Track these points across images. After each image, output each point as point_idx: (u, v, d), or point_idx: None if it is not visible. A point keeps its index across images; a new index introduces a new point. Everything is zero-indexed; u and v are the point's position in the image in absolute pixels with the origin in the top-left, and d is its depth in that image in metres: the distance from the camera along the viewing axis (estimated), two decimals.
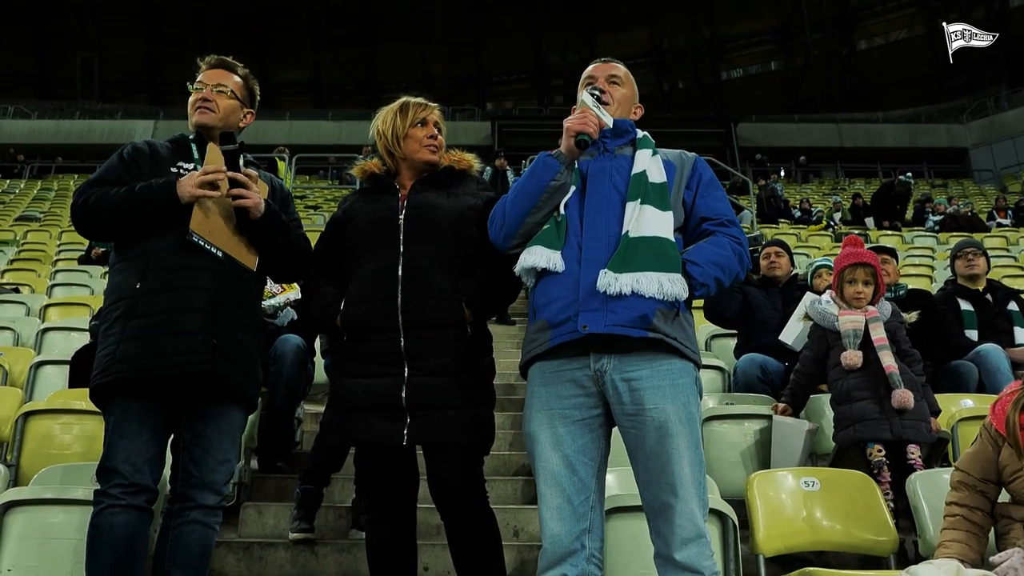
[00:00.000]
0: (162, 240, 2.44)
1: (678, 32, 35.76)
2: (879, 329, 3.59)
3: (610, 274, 2.13)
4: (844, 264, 3.74)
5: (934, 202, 14.99)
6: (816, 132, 28.23)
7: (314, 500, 3.43)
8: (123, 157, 2.63)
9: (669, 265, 2.15)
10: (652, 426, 2.10)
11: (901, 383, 3.43)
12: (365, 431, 2.42)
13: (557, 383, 2.21)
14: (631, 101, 2.50)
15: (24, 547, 2.75)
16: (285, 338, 4.07)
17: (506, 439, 4.65)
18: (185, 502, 2.45)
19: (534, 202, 2.29)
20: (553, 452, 2.18)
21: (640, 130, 2.46)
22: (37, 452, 3.59)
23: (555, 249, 2.23)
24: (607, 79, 2.47)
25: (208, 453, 2.47)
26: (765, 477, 3.10)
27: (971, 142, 27.10)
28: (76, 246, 9.81)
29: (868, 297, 3.69)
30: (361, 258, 2.54)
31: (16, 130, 27.14)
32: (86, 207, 2.49)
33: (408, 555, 2.55)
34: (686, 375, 2.18)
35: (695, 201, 2.36)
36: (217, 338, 2.43)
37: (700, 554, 2.06)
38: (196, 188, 2.41)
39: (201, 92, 2.67)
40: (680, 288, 2.14)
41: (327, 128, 27.68)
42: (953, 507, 2.60)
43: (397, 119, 2.64)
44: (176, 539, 2.42)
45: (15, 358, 4.98)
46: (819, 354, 3.74)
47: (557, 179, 2.28)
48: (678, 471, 2.08)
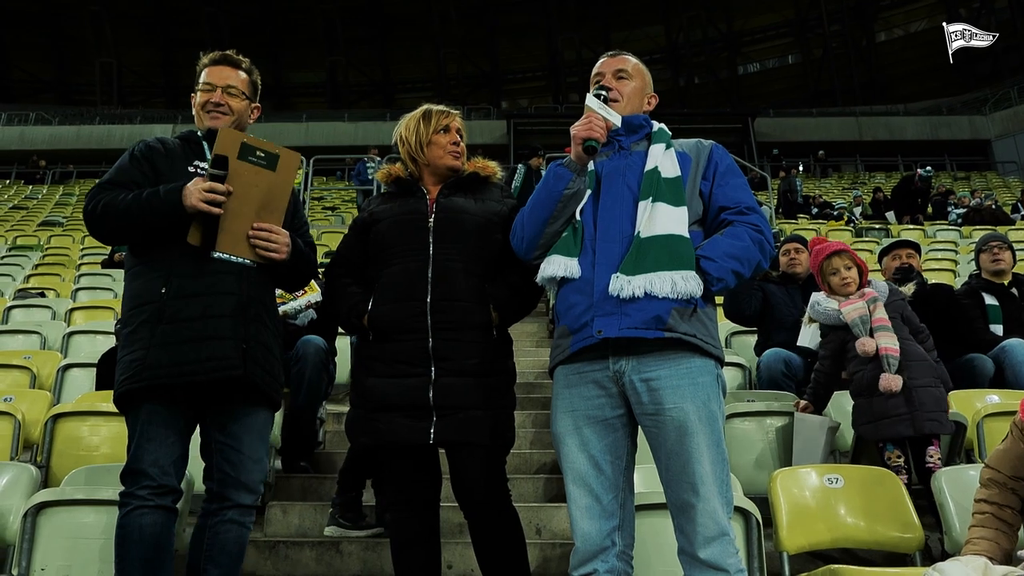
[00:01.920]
0: (183, 244, 2.43)
1: (693, 26, 35.56)
2: (879, 309, 3.58)
3: (622, 277, 2.13)
4: (819, 259, 3.76)
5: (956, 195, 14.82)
6: (835, 125, 28.01)
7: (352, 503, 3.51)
8: (134, 156, 2.59)
9: (682, 263, 2.14)
10: (672, 425, 2.10)
11: (892, 366, 3.41)
12: (392, 431, 2.44)
13: (580, 385, 2.22)
14: (642, 93, 2.47)
15: (56, 547, 2.80)
16: (307, 339, 4.11)
17: (527, 438, 4.66)
18: (222, 501, 2.48)
19: (550, 212, 2.31)
20: (580, 453, 2.19)
21: (657, 123, 2.43)
22: (66, 453, 3.65)
23: (572, 256, 2.24)
24: (614, 74, 2.44)
25: (242, 453, 2.50)
26: (788, 474, 3.10)
27: (994, 134, 26.78)
28: (99, 250, 9.93)
29: (855, 280, 3.68)
30: (389, 259, 2.57)
31: (38, 136, 27.51)
32: (95, 212, 2.47)
33: (432, 553, 2.57)
34: (706, 373, 2.16)
35: (712, 191, 2.32)
36: (246, 342, 2.45)
37: (724, 552, 2.05)
38: (200, 202, 2.37)
39: (211, 94, 2.64)
40: (694, 286, 2.13)
41: (343, 129, 27.83)
42: (983, 504, 2.58)
43: (421, 126, 2.67)
44: (213, 538, 2.46)
45: (42, 361, 5.06)
46: (835, 351, 3.71)
47: (570, 187, 2.29)
48: (699, 470, 2.07)
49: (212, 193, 2.38)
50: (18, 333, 5.95)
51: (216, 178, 2.40)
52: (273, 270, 2.59)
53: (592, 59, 2.62)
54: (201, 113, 2.66)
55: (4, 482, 3.10)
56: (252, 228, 2.48)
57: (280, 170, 2.50)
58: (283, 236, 2.53)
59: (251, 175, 2.45)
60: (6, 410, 3.86)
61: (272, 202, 2.51)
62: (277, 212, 2.53)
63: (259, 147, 2.47)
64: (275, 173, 2.49)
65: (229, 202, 2.42)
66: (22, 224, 14.25)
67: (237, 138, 2.45)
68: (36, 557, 2.78)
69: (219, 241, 2.44)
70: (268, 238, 2.49)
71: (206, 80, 2.66)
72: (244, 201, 2.46)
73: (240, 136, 2.46)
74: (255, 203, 2.48)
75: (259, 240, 2.48)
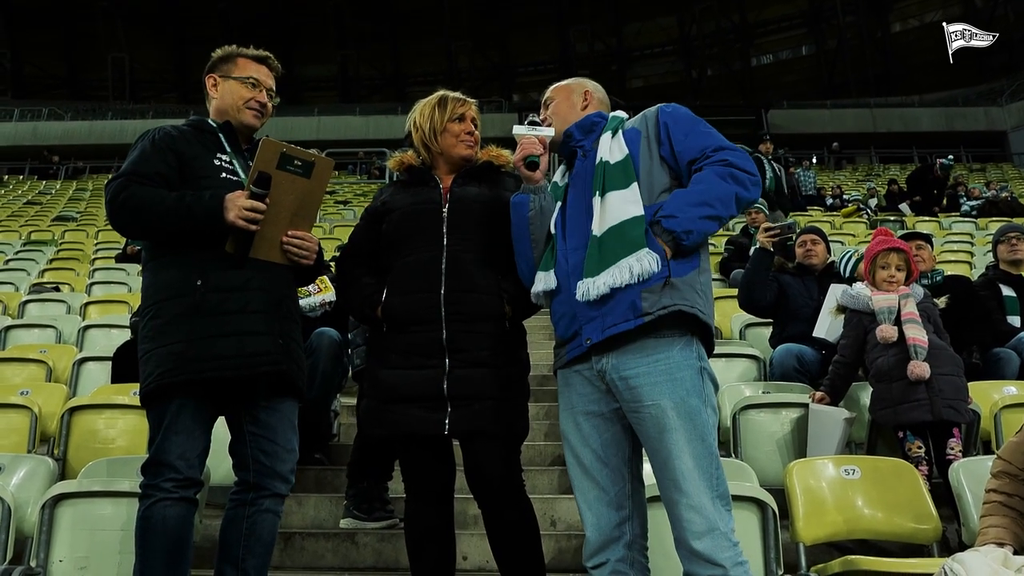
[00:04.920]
0: (215, 238, 2.41)
1: (706, 18, 35.37)
2: (910, 304, 3.61)
3: (586, 281, 2.15)
4: (877, 250, 3.77)
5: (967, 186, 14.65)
6: (849, 117, 27.80)
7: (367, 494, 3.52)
8: (158, 145, 2.51)
9: (634, 244, 2.12)
10: (651, 422, 2.10)
11: (921, 355, 3.43)
12: (407, 422, 2.44)
13: (574, 383, 2.28)
14: (570, 103, 2.49)
15: (74, 539, 2.82)
16: (321, 331, 4.12)
17: (541, 430, 4.66)
18: (260, 491, 2.50)
19: (527, 238, 2.39)
20: (583, 448, 2.23)
21: (614, 112, 2.44)
22: (83, 446, 3.67)
23: (548, 269, 2.30)
24: (543, 106, 2.53)
25: (276, 443, 2.52)
26: (804, 465, 3.09)
27: (1010, 124, 26.48)
28: (113, 244, 9.97)
29: (900, 282, 3.70)
30: (402, 249, 2.56)
31: (51, 132, 27.65)
32: (126, 206, 2.41)
33: (447, 545, 2.57)
34: (685, 367, 2.13)
35: (675, 151, 2.25)
36: (281, 337, 2.48)
37: (716, 546, 2.03)
38: (239, 220, 2.36)
39: (259, 93, 2.62)
40: (650, 262, 2.09)
41: (355, 123, 27.88)
42: (991, 494, 2.56)
43: (435, 113, 2.64)
44: (251, 527, 2.48)
45: (58, 355, 5.09)
46: (857, 340, 3.72)
47: (532, 208, 2.37)
48: (679, 466, 2.07)
49: (252, 212, 2.38)
50: (34, 327, 5.98)
51: (257, 196, 2.39)
52: (295, 268, 2.61)
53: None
54: (240, 107, 2.60)
55: (22, 475, 3.13)
56: (286, 235, 2.49)
57: (314, 177, 2.50)
58: (313, 243, 2.55)
59: (288, 183, 2.45)
60: (23, 403, 3.90)
61: (304, 208, 2.52)
62: (309, 218, 2.55)
63: (297, 156, 2.46)
64: (310, 180, 2.49)
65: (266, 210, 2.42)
66: (36, 219, 14.32)
67: (277, 149, 2.43)
68: (54, 549, 2.80)
69: (254, 248, 2.45)
70: (300, 245, 2.51)
71: (251, 75, 2.63)
72: (280, 208, 2.45)
73: (280, 146, 2.44)
74: (290, 210, 2.49)
75: (291, 248, 2.50)
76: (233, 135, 2.63)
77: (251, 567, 2.47)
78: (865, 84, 32.00)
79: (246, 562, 2.46)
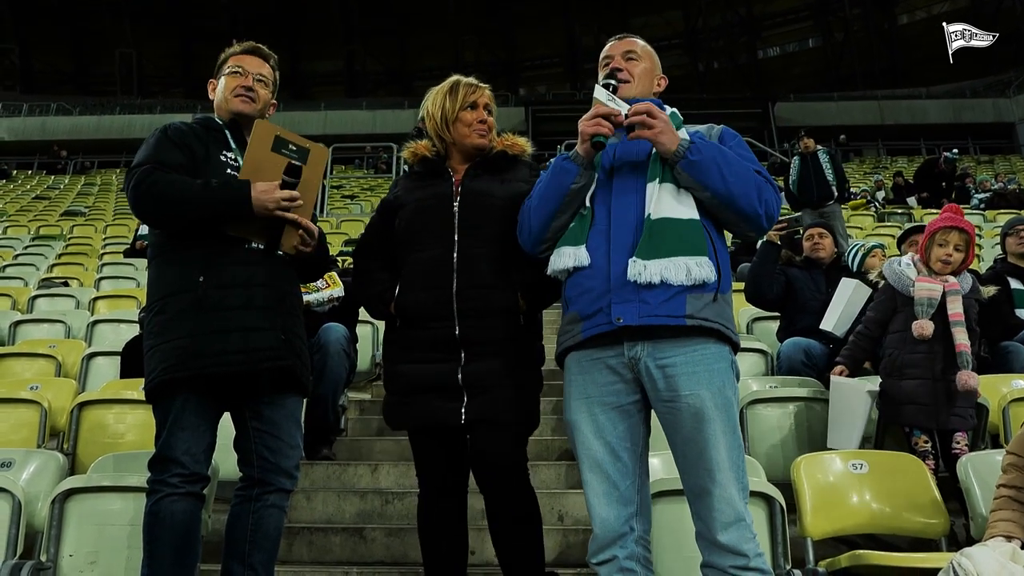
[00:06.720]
0: (217, 233, 2.43)
1: (712, 11, 35.20)
2: (957, 303, 3.38)
3: (639, 262, 2.11)
4: (939, 226, 3.50)
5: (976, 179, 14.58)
6: (856, 110, 27.67)
7: None
8: (170, 138, 2.53)
9: (695, 249, 2.12)
10: (688, 412, 2.09)
11: (970, 363, 3.27)
12: (425, 414, 2.46)
13: (593, 371, 2.21)
14: (652, 74, 2.46)
15: (83, 533, 2.84)
16: (328, 327, 4.13)
17: (549, 424, 4.66)
18: (264, 487, 2.52)
19: (556, 206, 2.27)
20: (595, 439, 2.18)
21: (669, 107, 2.39)
22: (92, 441, 3.69)
23: (579, 245, 2.21)
24: (624, 56, 2.43)
25: (280, 439, 2.53)
26: (812, 460, 3.08)
27: (1018, 116, 26.34)
28: (121, 240, 10.02)
29: (956, 265, 3.47)
30: (414, 245, 2.55)
31: (59, 127, 27.76)
32: (151, 192, 2.41)
33: (459, 538, 2.58)
34: (721, 359, 2.15)
35: None
36: (285, 333, 2.48)
37: (741, 537, 2.05)
38: (276, 209, 2.40)
39: (243, 79, 2.63)
40: (708, 271, 2.11)
41: (361, 117, 27.87)
42: (1001, 489, 2.56)
43: (447, 101, 2.59)
44: (257, 523, 2.49)
45: (67, 350, 5.11)
46: (884, 316, 3.58)
47: (576, 182, 2.24)
48: (715, 456, 2.06)
49: (290, 202, 2.41)
50: (43, 322, 6.01)
51: (289, 186, 2.42)
52: (295, 260, 2.60)
53: None
54: (229, 97, 2.63)
55: (32, 469, 3.15)
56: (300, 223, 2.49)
57: (310, 164, 2.51)
58: (313, 230, 2.55)
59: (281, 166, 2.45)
60: (32, 398, 3.91)
61: (303, 196, 2.51)
62: (307, 206, 2.54)
63: (292, 141, 2.47)
64: (307, 167, 2.49)
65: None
66: (44, 214, 14.37)
67: (271, 130, 2.45)
68: (64, 543, 2.82)
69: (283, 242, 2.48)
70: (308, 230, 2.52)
71: (237, 65, 2.65)
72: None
73: (274, 129, 2.46)
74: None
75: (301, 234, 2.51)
76: (239, 132, 2.64)
77: (258, 562, 2.49)
78: (872, 76, 31.81)
79: (252, 557, 2.47)
